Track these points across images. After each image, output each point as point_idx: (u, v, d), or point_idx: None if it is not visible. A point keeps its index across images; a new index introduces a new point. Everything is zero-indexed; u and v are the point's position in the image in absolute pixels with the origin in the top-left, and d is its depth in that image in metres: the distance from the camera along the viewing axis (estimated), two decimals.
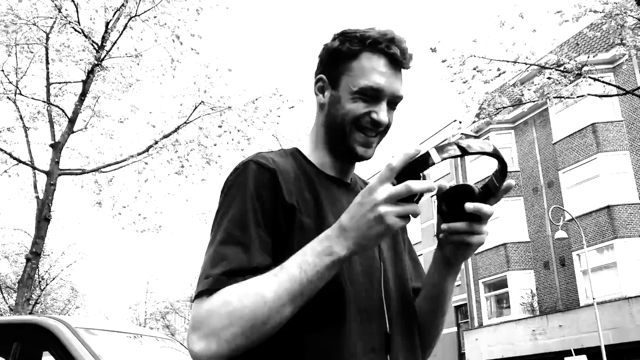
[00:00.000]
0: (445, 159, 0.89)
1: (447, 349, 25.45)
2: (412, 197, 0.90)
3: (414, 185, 0.88)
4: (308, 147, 1.22)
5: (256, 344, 0.94)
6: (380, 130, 1.13)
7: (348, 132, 1.12)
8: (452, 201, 1.02)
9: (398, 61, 1.11)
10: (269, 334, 0.94)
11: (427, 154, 0.89)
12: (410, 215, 0.91)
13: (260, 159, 1.09)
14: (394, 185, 0.90)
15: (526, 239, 22.19)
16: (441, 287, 1.17)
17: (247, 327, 0.91)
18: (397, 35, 1.11)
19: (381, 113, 1.10)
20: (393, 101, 1.13)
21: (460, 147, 0.90)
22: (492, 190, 1.01)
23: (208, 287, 0.95)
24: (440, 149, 0.90)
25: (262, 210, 1.04)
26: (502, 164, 0.97)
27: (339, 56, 1.13)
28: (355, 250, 0.92)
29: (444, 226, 1.04)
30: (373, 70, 1.09)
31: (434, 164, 0.89)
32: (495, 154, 0.94)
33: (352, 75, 1.11)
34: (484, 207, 0.99)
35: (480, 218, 1.01)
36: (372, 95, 1.10)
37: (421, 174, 0.91)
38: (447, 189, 1.02)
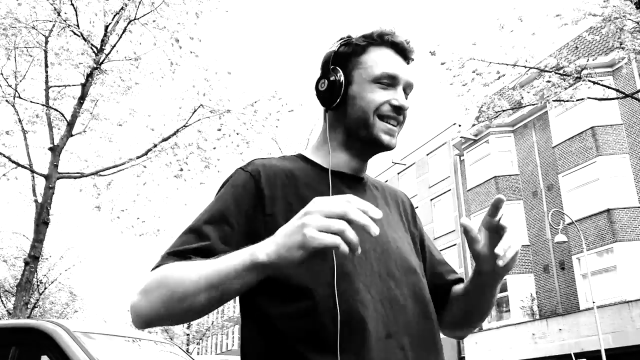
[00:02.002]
0: None
1: (446, 352, 25.42)
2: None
3: (351, 208, 0.82)
4: (314, 151, 1.22)
5: (176, 321, 0.98)
6: (401, 118, 1.16)
7: (372, 122, 1.14)
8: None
9: (404, 50, 1.17)
10: (185, 314, 0.96)
11: None
12: (340, 237, 0.82)
13: (249, 167, 1.13)
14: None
15: (526, 242, 22.15)
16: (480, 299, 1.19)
17: (166, 298, 0.95)
18: (397, 31, 1.18)
19: (400, 98, 1.14)
20: (406, 89, 1.18)
21: None
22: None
23: (156, 263, 1.03)
24: None
25: (238, 212, 1.07)
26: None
27: (346, 56, 1.17)
28: (273, 258, 0.86)
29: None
30: (385, 59, 1.15)
31: None
32: None
33: (365, 67, 1.15)
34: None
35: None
36: (388, 83, 1.14)
37: None
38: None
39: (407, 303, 1.09)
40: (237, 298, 1.10)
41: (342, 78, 1.15)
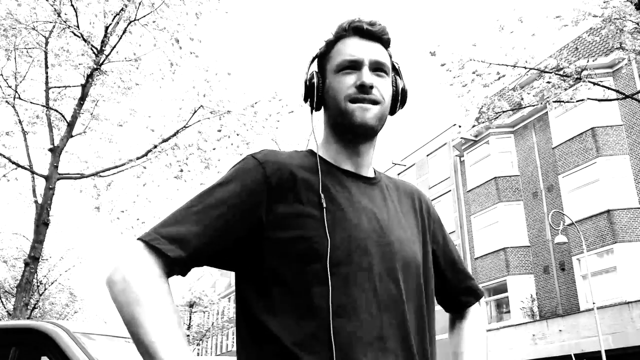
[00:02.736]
0: None
1: (446, 354, 25.41)
2: None
3: None
4: (320, 148, 1.24)
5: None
6: (372, 96, 1.15)
7: (344, 108, 1.16)
8: None
9: (369, 33, 1.18)
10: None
11: None
12: None
13: (260, 155, 1.14)
14: None
15: (526, 243, 22.16)
16: None
17: (124, 318, 1.01)
18: (364, 18, 1.20)
19: (363, 77, 1.14)
20: (377, 67, 1.17)
21: None
22: None
23: (148, 239, 1.04)
24: None
25: (236, 209, 1.08)
26: None
27: (322, 56, 1.23)
28: None
29: None
30: (346, 47, 1.18)
31: None
32: None
33: (331, 60, 1.19)
34: None
35: None
36: (351, 67, 1.16)
37: None
38: None
39: (407, 305, 1.09)
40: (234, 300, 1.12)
41: (315, 79, 1.19)
